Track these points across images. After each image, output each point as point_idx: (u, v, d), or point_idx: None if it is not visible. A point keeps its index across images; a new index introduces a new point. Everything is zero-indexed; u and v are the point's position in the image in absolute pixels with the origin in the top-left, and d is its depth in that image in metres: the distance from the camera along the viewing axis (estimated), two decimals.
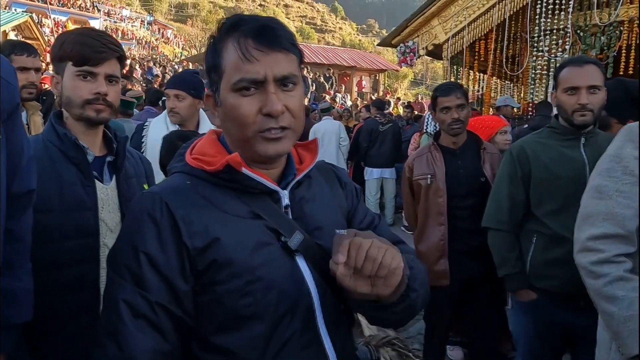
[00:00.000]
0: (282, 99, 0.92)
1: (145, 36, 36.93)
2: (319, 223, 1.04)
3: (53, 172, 1.42)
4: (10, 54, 2.39)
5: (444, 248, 2.61)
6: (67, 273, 1.41)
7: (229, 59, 0.93)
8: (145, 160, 1.76)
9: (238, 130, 0.94)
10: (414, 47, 8.23)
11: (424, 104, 17.02)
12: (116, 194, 1.53)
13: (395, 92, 31.72)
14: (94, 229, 1.46)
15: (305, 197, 1.05)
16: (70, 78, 1.45)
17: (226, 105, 0.95)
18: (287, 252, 0.97)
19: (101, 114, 1.47)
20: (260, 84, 0.92)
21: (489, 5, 7.13)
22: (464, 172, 2.63)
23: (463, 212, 2.61)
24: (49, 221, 1.39)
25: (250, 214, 0.96)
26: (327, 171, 1.16)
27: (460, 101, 2.59)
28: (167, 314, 0.90)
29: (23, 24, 19.46)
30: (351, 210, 1.15)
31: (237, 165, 0.93)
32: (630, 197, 1.43)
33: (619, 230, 1.43)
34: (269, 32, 0.92)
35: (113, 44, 1.47)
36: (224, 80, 0.94)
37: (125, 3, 51.16)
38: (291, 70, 0.94)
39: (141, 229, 0.91)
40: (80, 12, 37.49)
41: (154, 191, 0.96)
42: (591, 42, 6.38)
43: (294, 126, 0.96)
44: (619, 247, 1.42)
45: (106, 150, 1.57)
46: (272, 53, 0.92)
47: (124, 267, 0.90)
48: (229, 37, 0.94)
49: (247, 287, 0.91)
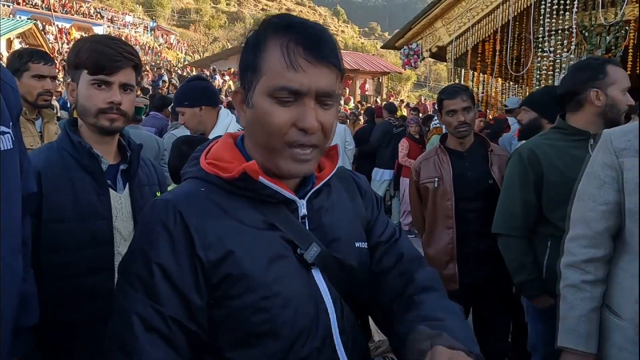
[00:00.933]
0: (318, 115, 0.88)
1: (149, 42, 37.10)
2: (338, 235, 0.99)
3: (68, 180, 1.42)
4: (28, 62, 2.44)
5: (453, 252, 2.59)
6: (83, 282, 1.41)
7: (273, 62, 0.87)
8: (159, 168, 1.76)
9: (265, 138, 0.89)
10: (418, 49, 8.22)
11: (428, 106, 17.05)
12: (129, 202, 1.53)
13: (398, 94, 31.70)
14: (108, 238, 1.45)
15: (324, 207, 1.00)
16: (85, 86, 1.44)
17: (258, 109, 0.89)
18: (303, 265, 0.93)
19: (115, 123, 1.47)
20: (300, 96, 0.87)
21: (493, 7, 7.11)
22: (471, 175, 2.60)
23: (471, 215, 2.58)
24: (64, 230, 1.39)
25: (266, 225, 0.92)
26: (347, 179, 1.12)
27: (466, 104, 2.57)
28: (181, 328, 0.86)
29: (27, 31, 19.61)
30: (371, 221, 1.10)
31: (254, 174, 0.90)
32: (596, 200, 1.54)
33: (587, 231, 1.56)
34: (320, 43, 0.87)
35: (129, 53, 1.46)
36: (262, 82, 0.88)
37: (128, 9, 51.45)
38: (333, 88, 0.89)
39: (154, 239, 0.87)
40: (83, 19, 37.73)
41: (167, 198, 0.91)
42: (597, 41, 6.35)
43: (323, 145, 0.92)
44: (588, 250, 1.55)
45: (120, 157, 1.57)
46: (320, 66, 0.87)
47: (136, 278, 0.86)
48: (276, 39, 0.88)
49: (262, 303, 0.87)
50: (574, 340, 1.53)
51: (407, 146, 6.93)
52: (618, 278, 1.52)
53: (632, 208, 1.46)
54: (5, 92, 1.01)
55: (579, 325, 1.53)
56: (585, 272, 1.56)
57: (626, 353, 1.47)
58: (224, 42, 51.91)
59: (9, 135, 0.97)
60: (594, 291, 1.54)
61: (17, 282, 1.00)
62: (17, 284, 0.99)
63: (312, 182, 1.00)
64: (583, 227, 1.58)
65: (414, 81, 44.73)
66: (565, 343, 1.55)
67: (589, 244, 1.56)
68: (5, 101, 1.00)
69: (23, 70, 2.44)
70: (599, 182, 1.54)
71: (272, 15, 0.93)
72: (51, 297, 1.36)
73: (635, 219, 1.45)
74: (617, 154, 1.50)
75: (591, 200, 1.56)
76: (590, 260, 1.55)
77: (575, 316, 1.54)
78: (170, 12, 63.09)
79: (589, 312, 1.53)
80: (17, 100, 1.07)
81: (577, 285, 1.56)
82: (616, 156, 1.50)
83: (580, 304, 1.54)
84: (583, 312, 1.53)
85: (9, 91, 1.04)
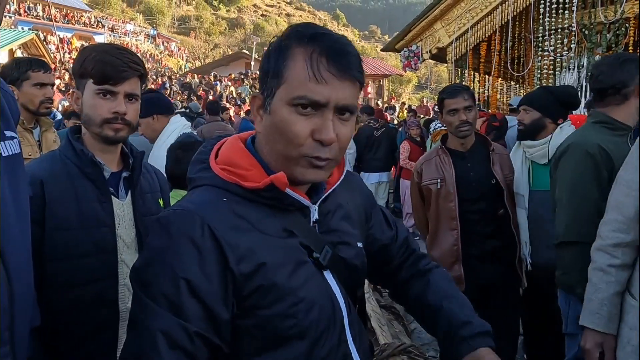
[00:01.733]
0: (336, 127, 0.89)
1: (150, 50, 37.26)
2: (344, 237, 1.04)
3: (70, 188, 1.42)
4: (28, 70, 2.45)
5: (458, 253, 2.57)
6: (87, 290, 1.40)
7: (296, 71, 0.88)
8: (161, 175, 1.76)
9: (283, 147, 0.90)
10: (418, 51, 8.24)
11: (429, 108, 17.05)
12: (131, 209, 1.53)
13: (399, 96, 31.73)
14: (111, 245, 1.45)
15: (331, 211, 1.05)
16: (90, 96, 1.44)
17: (277, 116, 0.90)
18: (318, 268, 0.97)
19: (119, 133, 1.47)
20: (319, 107, 0.88)
21: (492, 7, 7.13)
22: (474, 175, 2.58)
23: (475, 216, 2.57)
24: (68, 238, 1.39)
25: (285, 232, 0.94)
26: (346, 179, 1.14)
27: (467, 103, 2.55)
28: (205, 342, 0.85)
29: (29, 42, 19.72)
30: (369, 217, 1.18)
31: (282, 185, 0.91)
32: (631, 187, 1.59)
33: (619, 216, 1.61)
34: (346, 57, 0.89)
35: (135, 63, 1.46)
36: (283, 90, 0.89)
37: (129, 18, 51.75)
38: (353, 101, 0.91)
39: (180, 252, 0.85)
40: (84, 29, 37.95)
41: (191, 209, 0.89)
42: (597, 40, 6.35)
43: (338, 158, 0.94)
44: (617, 235, 1.61)
45: (122, 165, 1.57)
46: (343, 79, 0.88)
47: (159, 293, 0.84)
48: (301, 48, 0.88)
49: (291, 310, 0.89)
50: (595, 321, 1.63)
51: (408, 148, 6.93)
52: None
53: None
54: (7, 100, 1.04)
55: (602, 307, 1.61)
56: (612, 256, 1.61)
57: (635, 333, 1.53)
58: (224, 49, 52.14)
59: (16, 139, 1.01)
60: (619, 275, 1.60)
61: (32, 285, 1.02)
62: (31, 286, 1.02)
63: (323, 187, 1.03)
64: (616, 211, 1.63)
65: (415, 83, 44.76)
66: (587, 323, 1.65)
67: (619, 228, 1.61)
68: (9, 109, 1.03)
69: (23, 80, 2.44)
70: (634, 168, 1.58)
71: (298, 24, 0.94)
72: (55, 305, 1.36)
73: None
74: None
75: (626, 186, 1.61)
76: (618, 244, 1.60)
77: (599, 299, 1.62)
78: (171, 20, 63.37)
79: (612, 295, 1.60)
80: (16, 108, 1.10)
81: (604, 269, 1.62)
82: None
83: (604, 287, 1.61)
84: (607, 295, 1.61)
85: (10, 100, 1.07)
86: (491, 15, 7.17)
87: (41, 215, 1.35)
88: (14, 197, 0.94)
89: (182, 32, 60.92)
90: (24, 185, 1.02)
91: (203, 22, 63.22)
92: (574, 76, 6.67)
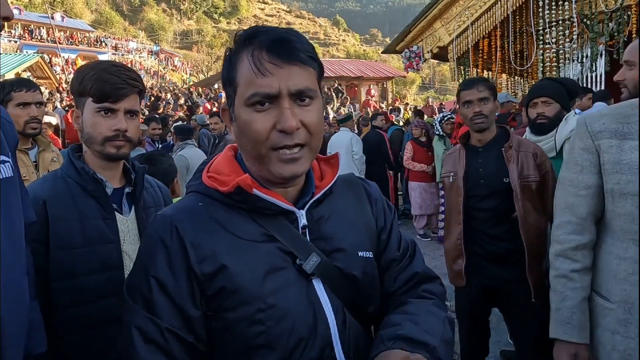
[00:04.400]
0: (297, 114, 0.88)
1: (153, 65, 37.60)
2: (339, 244, 0.99)
3: (73, 207, 1.42)
4: (10, 91, 2.42)
5: (461, 248, 2.50)
6: (93, 308, 1.40)
7: (243, 72, 0.90)
8: (164, 189, 1.75)
9: (252, 147, 0.91)
10: (419, 51, 8.22)
11: (435, 107, 16.99)
12: (136, 225, 1.52)
13: (404, 98, 31.69)
14: (117, 262, 1.45)
15: (324, 216, 1.00)
16: (90, 114, 1.44)
17: (240, 121, 0.91)
18: (303, 275, 0.93)
19: (121, 150, 1.47)
20: (275, 99, 0.88)
21: (491, 3, 7.10)
22: (483, 172, 2.47)
23: (481, 214, 2.46)
24: (73, 257, 1.38)
25: (264, 237, 0.93)
26: (357, 186, 1.11)
27: (483, 94, 2.44)
28: (178, 339, 0.89)
29: (35, 65, 20.01)
30: (382, 232, 1.09)
31: (248, 187, 0.91)
32: (577, 186, 1.58)
33: (571, 217, 1.59)
34: (284, 44, 0.88)
35: (133, 79, 1.46)
36: (238, 94, 0.91)
37: (131, 35, 52.31)
38: (307, 84, 0.90)
39: (152, 253, 0.92)
40: (88, 49, 38.46)
41: (166, 214, 0.96)
42: (599, 29, 6.29)
43: (311, 143, 0.92)
44: (574, 237, 1.58)
45: (124, 181, 1.57)
46: (287, 66, 0.88)
47: (137, 291, 0.91)
48: (244, 50, 0.90)
49: (258, 315, 0.88)
50: (568, 332, 1.56)
51: (411, 149, 6.89)
52: (604, 262, 1.54)
53: (612, 189, 1.48)
54: (2, 126, 1.05)
55: (572, 316, 1.56)
56: (573, 260, 1.58)
57: (619, 337, 1.47)
58: None
59: (9, 163, 1.01)
60: (583, 280, 1.57)
61: (25, 308, 1.01)
62: (25, 310, 1.01)
63: (311, 191, 1.00)
64: (568, 213, 1.60)
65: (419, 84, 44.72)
66: (559, 335, 1.58)
67: (574, 230, 1.58)
68: (4, 134, 1.03)
69: (7, 101, 2.40)
70: (578, 167, 1.58)
71: (243, 30, 0.95)
72: (62, 324, 1.35)
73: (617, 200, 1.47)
74: (594, 137, 1.53)
75: (572, 186, 1.59)
76: (577, 247, 1.58)
77: (568, 307, 1.57)
78: (173, 35, 64.03)
79: (580, 302, 1.56)
80: (13, 133, 1.10)
81: (567, 275, 1.58)
82: (592, 140, 1.53)
83: (571, 294, 1.57)
84: (575, 302, 1.56)
85: (6, 125, 1.07)
86: (490, 11, 7.14)
87: (45, 235, 1.35)
88: (6, 222, 0.94)
89: (184, 46, 61.52)
90: (17, 208, 1.02)
91: (204, 35, 63.78)
92: (578, 67, 6.61)
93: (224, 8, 78.39)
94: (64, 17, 43.77)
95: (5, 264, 0.92)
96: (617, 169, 1.46)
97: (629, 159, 1.43)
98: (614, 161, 1.46)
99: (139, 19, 63.86)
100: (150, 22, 62.34)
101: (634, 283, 1.42)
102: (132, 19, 65.12)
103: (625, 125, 1.47)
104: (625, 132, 1.47)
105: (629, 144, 1.45)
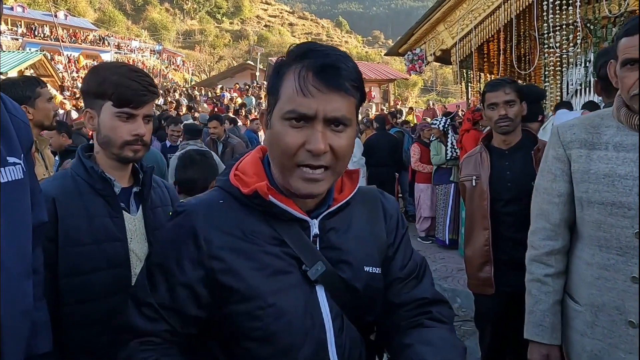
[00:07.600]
0: (328, 138, 0.93)
1: (156, 65, 37.62)
2: (346, 257, 1.04)
3: (82, 205, 1.44)
4: (37, 87, 2.50)
5: (489, 254, 2.46)
6: (100, 305, 1.41)
7: (287, 87, 0.94)
8: (172, 189, 1.77)
9: (279, 157, 0.96)
10: (422, 54, 8.23)
11: (437, 110, 16.98)
12: (143, 224, 1.54)
13: (406, 100, 31.70)
14: (124, 260, 1.46)
15: (336, 228, 1.05)
16: (109, 117, 1.45)
17: (274, 130, 0.96)
18: (306, 281, 0.99)
19: (138, 154, 1.50)
20: (310, 120, 0.92)
21: (495, 7, 7.10)
22: (510, 175, 2.44)
23: (507, 219, 2.43)
24: (81, 253, 1.40)
25: (275, 240, 0.99)
26: (375, 201, 1.15)
27: (509, 97, 2.42)
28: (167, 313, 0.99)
29: (37, 62, 20.03)
30: (391, 248, 1.13)
31: (264, 195, 0.97)
32: (551, 193, 1.63)
33: (545, 224, 1.65)
34: (331, 70, 0.92)
35: (152, 86, 1.49)
36: (278, 106, 0.96)
37: (134, 34, 52.38)
38: (344, 113, 0.94)
39: (165, 241, 1.03)
40: (91, 47, 38.51)
41: (188, 205, 1.04)
42: (603, 34, 6.29)
43: (335, 166, 0.96)
44: (548, 242, 1.64)
45: (133, 180, 1.59)
46: (329, 93, 0.92)
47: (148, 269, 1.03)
48: (293, 66, 0.95)
49: (257, 312, 0.95)
50: (540, 333, 1.63)
51: (418, 151, 6.90)
52: (575, 266, 1.61)
53: (580, 197, 1.54)
54: (17, 126, 1.05)
55: (545, 319, 1.63)
56: (547, 265, 1.65)
57: (587, 339, 1.53)
58: (229, 60, 52.56)
59: (20, 165, 1.01)
60: (556, 284, 1.64)
61: (26, 311, 1.01)
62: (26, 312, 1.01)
63: (328, 203, 1.05)
64: (542, 220, 1.66)
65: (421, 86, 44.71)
66: (532, 336, 1.66)
67: (548, 235, 1.65)
68: (17, 135, 1.04)
69: (35, 98, 2.48)
70: (551, 175, 1.63)
71: (297, 44, 1.00)
72: (68, 321, 1.37)
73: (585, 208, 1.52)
74: (565, 147, 1.58)
75: (546, 193, 1.65)
76: (551, 252, 1.64)
77: (541, 310, 1.64)
78: (175, 35, 64.08)
79: (552, 305, 1.63)
80: (28, 134, 1.11)
81: (541, 280, 1.65)
82: (564, 149, 1.59)
83: (544, 298, 1.64)
84: (547, 306, 1.63)
85: (21, 126, 1.08)
86: (494, 14, 7.14)
87: (54, 232, 1.37)
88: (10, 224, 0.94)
89: (187, 46, 61.55)
90: (26, 211, 1.02)
91: (207, 35, 63.85)
92: (581, 72, 6.62)
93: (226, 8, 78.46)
94: (67, 15, 43.84)
95: (8, 270, 0.93)
96: (585, 178, 1.51)
97: (596, 168, 1.49)
98: (583, 170, 1.52)
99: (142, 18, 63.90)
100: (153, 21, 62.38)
101: (600, 287, 1.49)
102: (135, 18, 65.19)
103: (594, 136, 1.52)
104: (594, 142, 1.51)
105: (597, 154, 1.50)
